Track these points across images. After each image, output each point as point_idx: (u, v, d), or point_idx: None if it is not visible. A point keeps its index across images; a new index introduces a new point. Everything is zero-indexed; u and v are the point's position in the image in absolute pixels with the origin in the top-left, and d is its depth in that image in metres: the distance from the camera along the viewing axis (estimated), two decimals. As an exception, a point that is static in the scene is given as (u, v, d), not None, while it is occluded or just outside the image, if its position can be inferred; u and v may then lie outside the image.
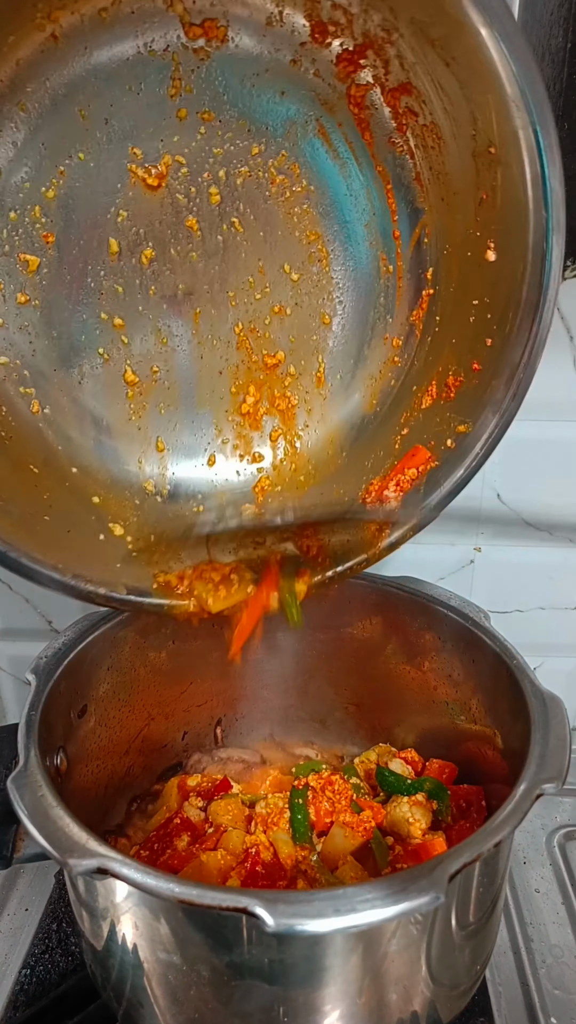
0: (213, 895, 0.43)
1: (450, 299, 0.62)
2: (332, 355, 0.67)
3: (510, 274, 0.55)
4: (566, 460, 0.88)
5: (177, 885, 0.44)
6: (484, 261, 0.57)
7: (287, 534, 0.65)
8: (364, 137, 0.61)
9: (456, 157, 0.57)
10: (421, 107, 0.58)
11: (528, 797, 0.49)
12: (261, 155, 0.60)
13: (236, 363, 0.66)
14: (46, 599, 1.00)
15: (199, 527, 0.66)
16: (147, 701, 0.77)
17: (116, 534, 0.64)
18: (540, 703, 0.58)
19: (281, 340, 0.66)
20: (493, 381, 0.58)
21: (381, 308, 0.66)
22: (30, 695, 0.60)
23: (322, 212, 0.63)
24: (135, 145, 0.58)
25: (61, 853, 0.46)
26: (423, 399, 0.64)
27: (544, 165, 0.52)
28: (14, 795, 0.50)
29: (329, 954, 0.48)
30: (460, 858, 0.44)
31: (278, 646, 0.82)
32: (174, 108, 0.58)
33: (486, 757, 0.68)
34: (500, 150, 0.53)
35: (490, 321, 0.58)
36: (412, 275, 0.64)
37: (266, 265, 0.63)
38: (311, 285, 0.65)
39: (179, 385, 0.65)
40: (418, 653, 0.76)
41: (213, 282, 0.63)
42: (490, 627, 0.69)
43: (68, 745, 0.64)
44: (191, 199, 0.60)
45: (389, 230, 0.63)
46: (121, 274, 0.61)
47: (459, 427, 0.61)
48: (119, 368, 0.63)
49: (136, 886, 0.44)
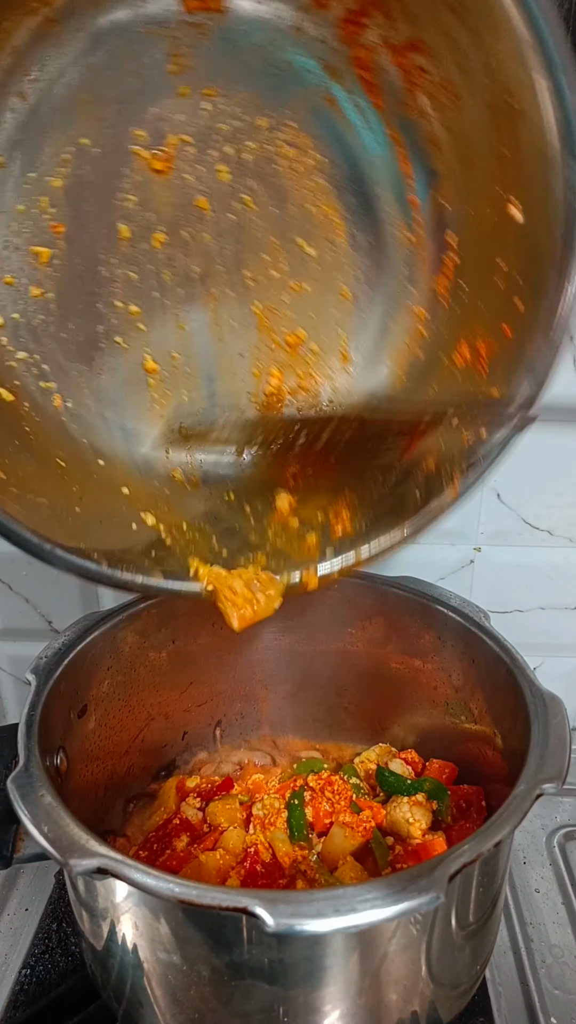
0: (213, 895, 0.43)
1: (476, 264, 0.60)
2: (355, 329, 0.65)
3: (538, 232, 0.53)
4: (566, 461, 0.88)
5: (177, 885, 0.44)
6: (509, 221, 0.55)
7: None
8: (375, 102, 0.58)
9: (473, 113, 0.55)
10: (432, 64, 0.55)
11: (528, 797, 0.49)
12: (269, 129, 0.59)
13: (256, 344, 0.64)
14: (46, 599, 1.00)
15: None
16: (147, 701, 0.76)
17: (149, 524, 0.62)
18: (540, 703, 0.58)
19: (301, 318, 0.64)
20: (526, 345, 0.56)
21: (403, 278, 0.63)
22: (30, 695, 0.60)
23: (335, 183, 0.61)
24: (138, 128, 0.57)
25: (61, 853, 0.46)
26: (453, 368, 0.61)
27: (568, 108, 0.49)
28: (14, 795, 0.50)
29: (329, 954, 0.48)
30: (460, 858, 0.44)
31: (278, 646, 0.83)
32: (176, 86, 0.56)
33: (486, 757, 0.68)
34: (518, 99, 0.50)
35: (519, 284, 0.56)
36: (433, 242, 0.62)
37: (281, 241, 0.61)
38: (328, 259, 0.63)
39: (200, 370, 0.64)
40: (418, 653, 0.76)
41: (228, 263, 0.61)
42: (490, 627, 0.69)
43: (68, 745, 0.63)
44: (200, 179, 0.59)
45: (406, 196, 0.61)
46: (134, 261, 0.59)
47: (492, 392, 0.58)
48: (138, 357, 0.62)
49: (136, 886, 0.44)
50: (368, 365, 0.66)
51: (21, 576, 0.99)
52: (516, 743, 0.59)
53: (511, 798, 0.49)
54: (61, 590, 0.99)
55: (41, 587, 0.99)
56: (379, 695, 0.81)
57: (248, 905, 0.42)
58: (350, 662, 0.81)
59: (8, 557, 0.97)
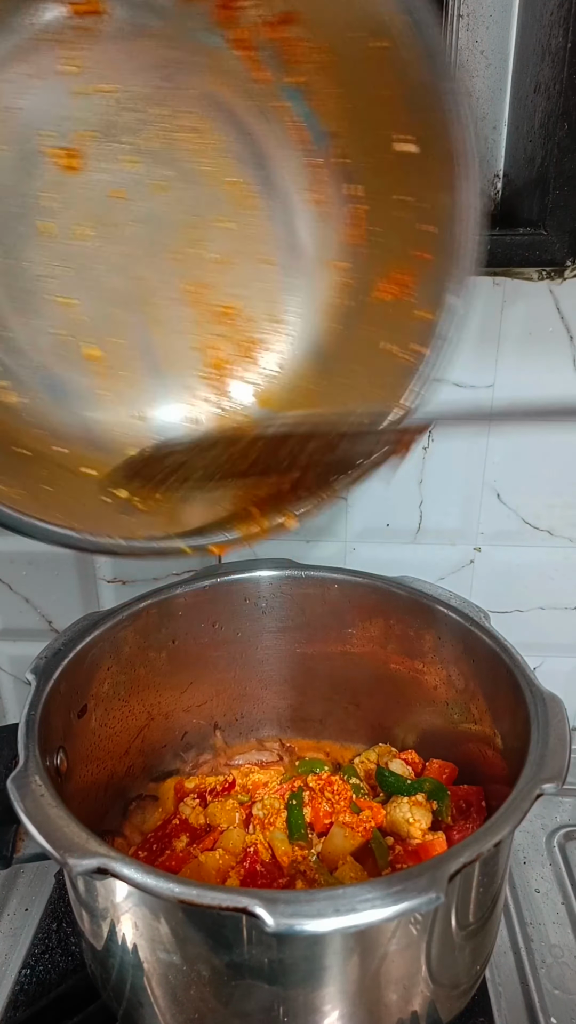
0: (213, 895, 0.43)
1: (384, 206, 0.63)
2: (284, 293, 0.68)
3: (433, 154, 0.57)
4: (566, 461, 0.88)
5: (177, 885, 0.44)
6: (406, 156, 0.59)
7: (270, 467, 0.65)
8: (261, 78, 0.62)
9: (350, 67, 0.59)
10: (306, 31, 0.59)
11: (528, 797, 0.49)
12: (168, 116, 0.61)
13: (194, 320, 0.67)
14: (46, 599, 1.00)
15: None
16: (147, 701, 0.76)
17: (122, 497, 0.64)
18: (540, 703, 0.58)
19: (233, 289, 0.67)
20: (445, 261, 0.60)
21: (320, 237, 0.67)
22: (30, 695, 0.60)
23: (240, 159, 0.64)
24: (43, 128, 0.59)
25: (61, 853, 0.46)
26: (383, 305, 0.65)
27: (430, 40, 0.54)
28: (14, 795, 0.50)
29: (329, 954, 0.48)
30: (460, 858, 0.44)
31: (278, 646, 0.83)
32: (71, 85, 0.59)
33: (486, 757, 0.68)
34: (386, 40, 0.55)
35: (428, 209, 0.60)
36: (340, 197, 0.65)
37: (199, 220, 0.64)
38: (248, 232, 0.66)
39: (141, 352, 0.66)
40: (418, 653, 0.76)
41: (152, 246, 0.64)
42: (490, 627, 0.69)
43: (68, 745, 0.63)
44: (111, 172, 0.62)
45: (307, 161, 0.64)
46: (66, 257, 0.62)
47: (423, 315, 0.62)
48: (78, 348, 0.65)
49: (136, 886, 0.44)
50: (304, 324, 0.69)
51: (21, 576, 0.99)
52: (516, 743, 0.59)
53: (511, 798, 0.49)
54: (61, 590, 0.99)
55: (41, 587, 0.99)
56: (379, 695, 0.81)
57: (248, 905, 0.42)
58: (350, 662, 0.81)
59: (8, 557, 0.98)
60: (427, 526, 0.93)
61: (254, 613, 0.80)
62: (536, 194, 0.79)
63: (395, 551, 0.94)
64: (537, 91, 0.78)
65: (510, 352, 0.84)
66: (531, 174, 0.80)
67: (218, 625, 0.79)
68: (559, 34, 0.70)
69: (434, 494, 0.91)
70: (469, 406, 0.87)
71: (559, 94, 0.71)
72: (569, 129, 0.72)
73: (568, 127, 0.71)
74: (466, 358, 0.85)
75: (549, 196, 0.75)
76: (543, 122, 0.76)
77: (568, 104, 0.71)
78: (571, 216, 0.76)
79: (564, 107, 0.71)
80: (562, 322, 0.83)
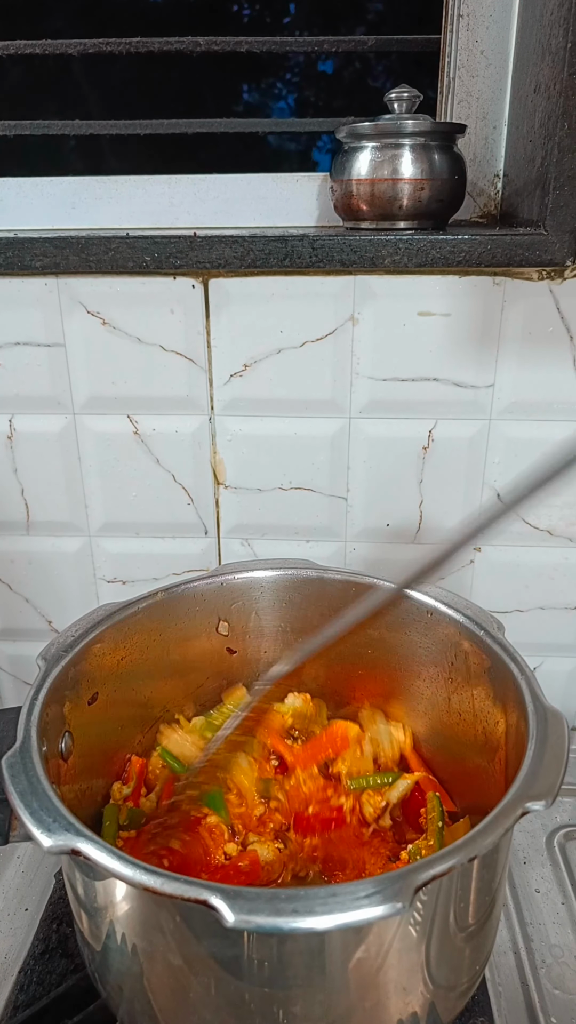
0: (175, 885, 0.42)
1: None
2: None
3: None
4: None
5: (145, 873, 0.43)
6: None
7: None
8: None
9: None
10: None
11: (511, 814, 0.48)
12: None
13: None
14: (46, 599, 1.00)
15: None
16: (151, 696, 0.77)
17: None
18: (541, 718, 0.57)
19: None
20: None
21: None
22: (36, 679, 0.61)
23: None
24: None
25: (39, 831, 0.46)
26: None
27: None
28: (5, 773, 0.51)
29: (329, 955, 0.48)
30: (430, 870, 0.44)
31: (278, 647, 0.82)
32: None
33: (484, 768, 0.68)
34: None
35: None
36: None
37: None
38: None
39: None
40: (421, 659, 0.76)
41: None
42: (502, 638, 0.68)
43: (74, 731, 0.64)
44: None
45: None
46: None
47: None
48: None
49: (106, 871, 0.44)
50: None
51: (21, 576, 0.99)
52: (513, 756, 0.58)
53: (494, 814, 0.48)
54: (61, 590, 1.00)
55: (41, 587, 1.00)
56: (378, 697, 0.81)
57: (208, 898, 0.41)
58: (350, 665, 0.81)
59: (8, 557, 0.98)
60: (427, 526, 0.93)
61: (255, 612, 0.80)
62: (536, 194, 0.79)
63: (395, 551, 0.94)
64: (537, 91, 0.78)
65: (510, 352, 0.85)
66: (531, 174, 0.80)
67: (223, 622, 0.80)
68: (559, 34, 0.71)
69: (434, 494, 0.91)
70: (469, 406, 0.87)
71: (559, 94, 0.71)
72: (569, 129, 0.72)
73: (568, 127, 0.72)
74: (466, 358, 0.85)
75: (549, 196, 0.75)
76: (543, 122, 0.76)
77: (568, 104, 0.71)
78: (571, 216, 0.76)
79: (564, 107, 0.71)
80: (562, 322, 0.83)
